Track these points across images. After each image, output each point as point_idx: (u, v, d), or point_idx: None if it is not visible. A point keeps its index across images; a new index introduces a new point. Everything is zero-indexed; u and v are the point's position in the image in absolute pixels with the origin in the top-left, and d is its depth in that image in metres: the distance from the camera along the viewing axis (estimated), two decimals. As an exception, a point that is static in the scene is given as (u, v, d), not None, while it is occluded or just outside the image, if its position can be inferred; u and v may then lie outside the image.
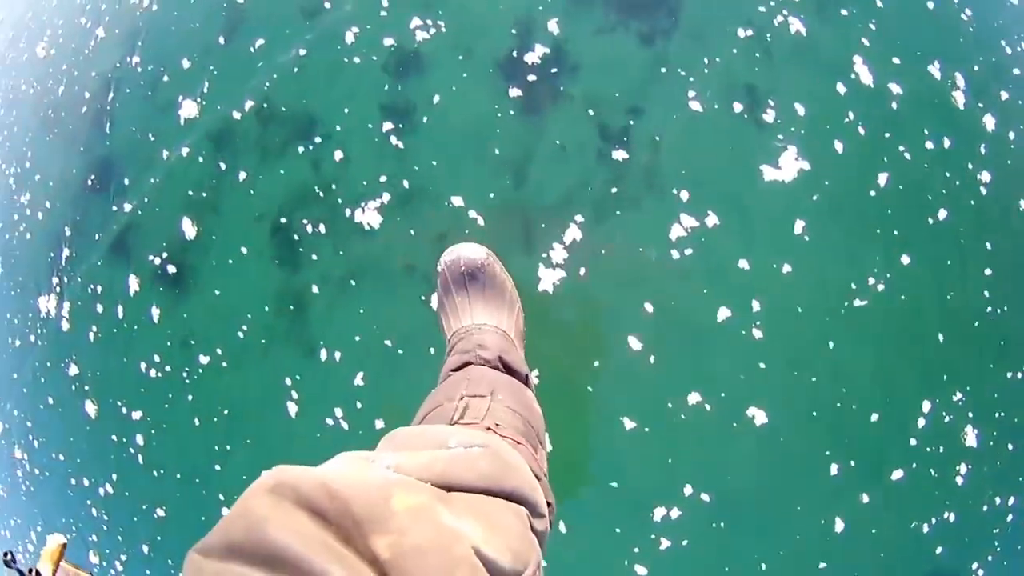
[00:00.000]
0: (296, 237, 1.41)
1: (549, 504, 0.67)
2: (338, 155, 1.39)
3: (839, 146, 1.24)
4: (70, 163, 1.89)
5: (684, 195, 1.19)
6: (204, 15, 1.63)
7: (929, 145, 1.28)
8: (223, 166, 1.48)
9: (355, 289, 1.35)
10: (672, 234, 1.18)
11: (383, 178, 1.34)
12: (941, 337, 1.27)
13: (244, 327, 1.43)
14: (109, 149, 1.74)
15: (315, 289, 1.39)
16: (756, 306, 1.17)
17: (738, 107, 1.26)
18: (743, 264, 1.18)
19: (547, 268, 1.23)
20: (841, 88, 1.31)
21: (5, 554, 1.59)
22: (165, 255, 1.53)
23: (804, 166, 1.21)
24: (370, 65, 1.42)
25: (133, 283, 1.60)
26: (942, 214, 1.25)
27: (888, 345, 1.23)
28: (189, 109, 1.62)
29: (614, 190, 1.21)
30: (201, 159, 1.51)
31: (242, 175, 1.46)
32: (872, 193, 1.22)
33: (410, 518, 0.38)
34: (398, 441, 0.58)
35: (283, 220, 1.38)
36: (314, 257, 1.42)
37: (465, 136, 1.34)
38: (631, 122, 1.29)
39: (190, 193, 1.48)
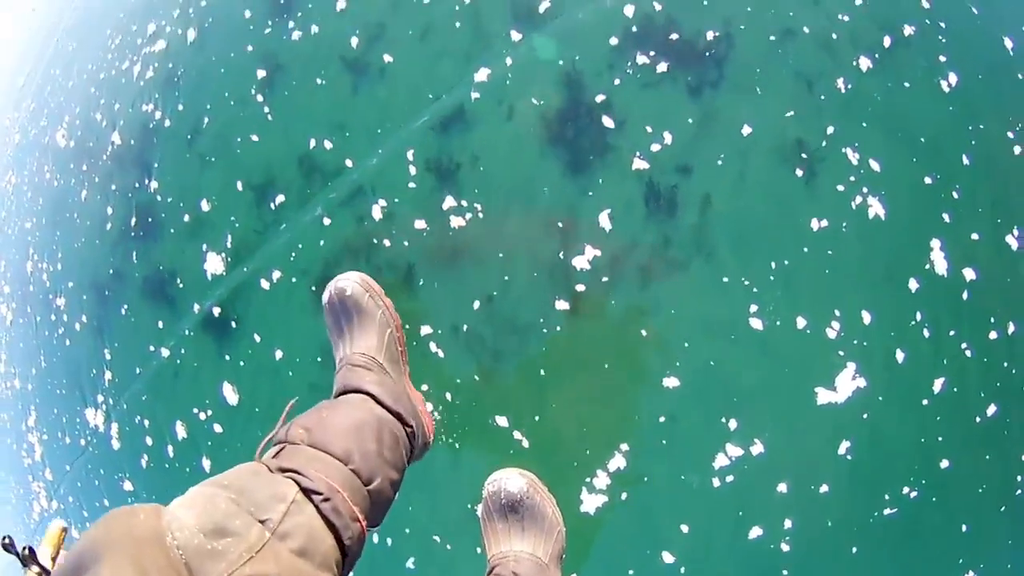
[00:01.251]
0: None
1: None
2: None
3: (900, 355, 1.23)
4: (101, 284, 1.89)
5: (732, 424, 1.22)
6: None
7: (993, 335, 1.25)
8: (258, 338, 1.52)
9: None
10: (716, 463, 1.21)
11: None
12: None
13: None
14: (138, 281, 1.77)
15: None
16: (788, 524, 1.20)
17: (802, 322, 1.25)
18: (781, 487, 1.21)
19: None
20: (913, 284, 1.26)
21: (4, 538, 1.68)
22: (209, 413, 1.57)
23: (860, 384, 1.21)
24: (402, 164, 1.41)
25: (180, 429, 1.63)
26: (991, 410, 1.23)
27: (916, 554, 1.24)
28: (214, 264, 1.57)
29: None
30: (234, 323, 1.55)
31: (278, 353, 1.46)
32: (924, 402, 1.21)
33: None
34: None
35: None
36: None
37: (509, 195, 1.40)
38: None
39: (226, 358, 1.55)
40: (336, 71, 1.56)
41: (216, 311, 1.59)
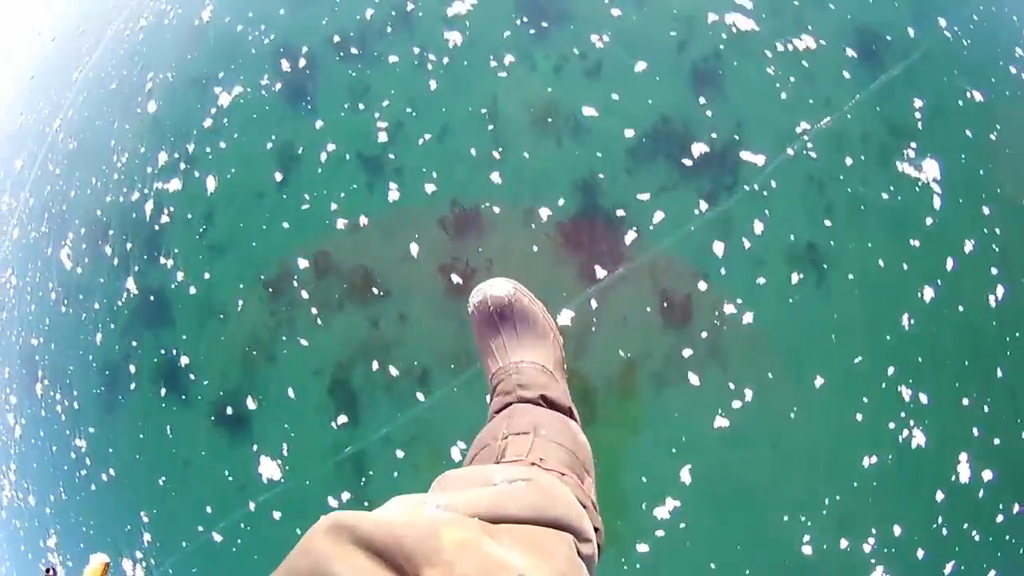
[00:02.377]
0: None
1: (597, 529, 0.71)
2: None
3: (920, 553, 1.35)
4: (129, 446, 1.84)
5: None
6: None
7: (1000, 519, 1.40)
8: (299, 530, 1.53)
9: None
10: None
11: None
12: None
13: None
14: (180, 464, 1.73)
15: None
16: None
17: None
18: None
19: None
20: (939, 495, 1.37)
21: (48, 570, 1.63)
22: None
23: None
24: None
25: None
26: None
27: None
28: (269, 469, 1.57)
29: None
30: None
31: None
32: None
33: (458, 551, 0.42)
34: (447, 482, 0.64)
35: None
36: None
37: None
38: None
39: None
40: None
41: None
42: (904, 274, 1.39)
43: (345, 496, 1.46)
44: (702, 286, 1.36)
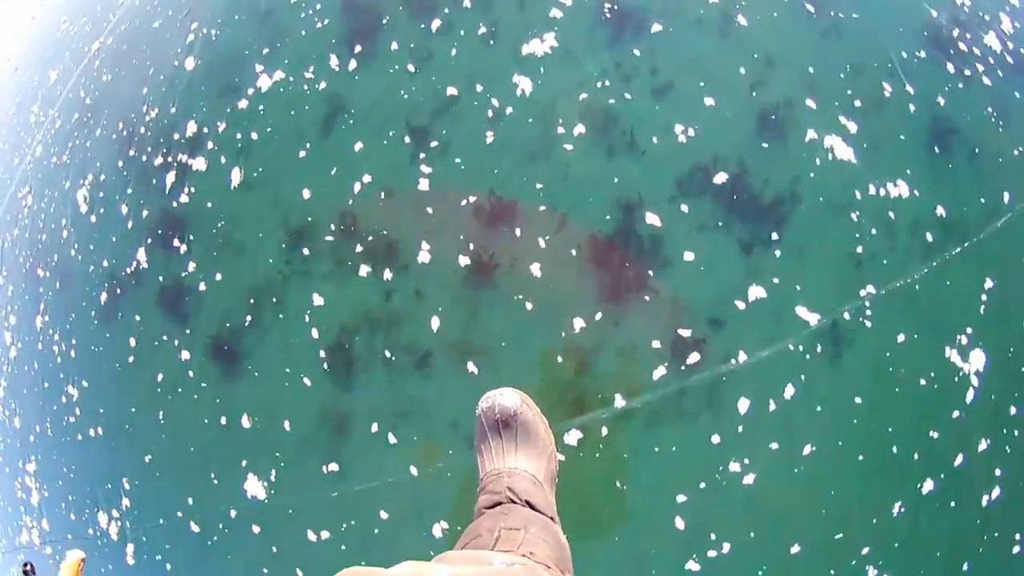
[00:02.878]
0: None
1: None
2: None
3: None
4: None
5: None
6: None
7: None
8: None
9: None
10: None
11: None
12: None
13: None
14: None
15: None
16: None
17: None
18: None
19: None
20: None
21: (25, 564, 1.67)
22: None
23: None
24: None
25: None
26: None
27: None
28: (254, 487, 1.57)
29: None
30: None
31: None
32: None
33: None
34: (448, 559, 0.71)
35: None
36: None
37: (539, 312, 1.42)
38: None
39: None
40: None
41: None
42: (913, 464, 1.38)
43: (325, 534, 1.46)
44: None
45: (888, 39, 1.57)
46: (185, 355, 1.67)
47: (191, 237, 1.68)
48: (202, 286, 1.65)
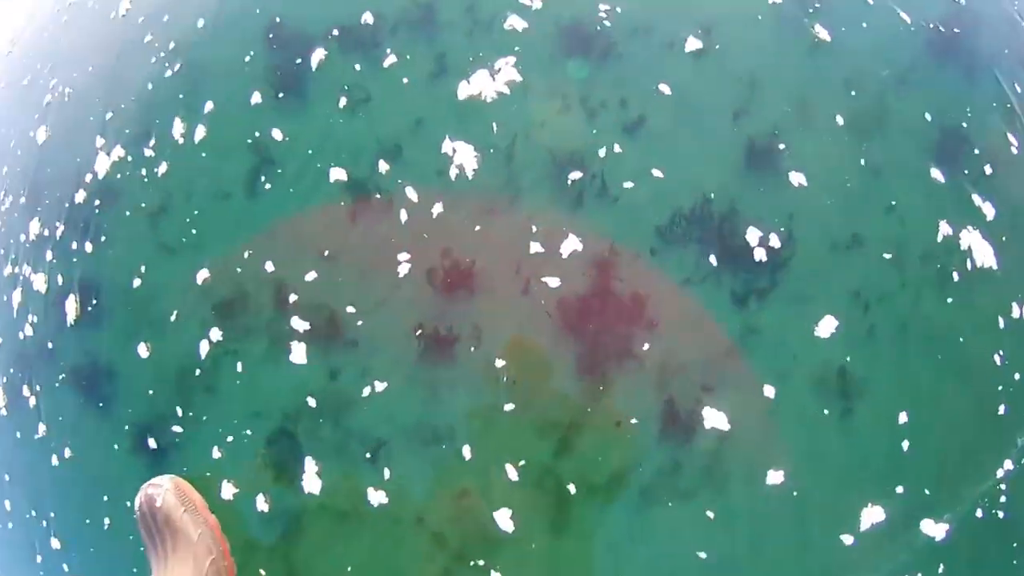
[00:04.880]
0: None
1: None
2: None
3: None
4: None
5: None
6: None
7: None
8: None
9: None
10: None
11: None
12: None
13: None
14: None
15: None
16: None
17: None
18: None
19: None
20: None
21: None
22: None
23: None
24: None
25: None
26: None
27: None
28: None
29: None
30: None
31: None
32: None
33: None
34: None
35: None
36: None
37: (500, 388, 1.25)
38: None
39: None
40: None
41: None
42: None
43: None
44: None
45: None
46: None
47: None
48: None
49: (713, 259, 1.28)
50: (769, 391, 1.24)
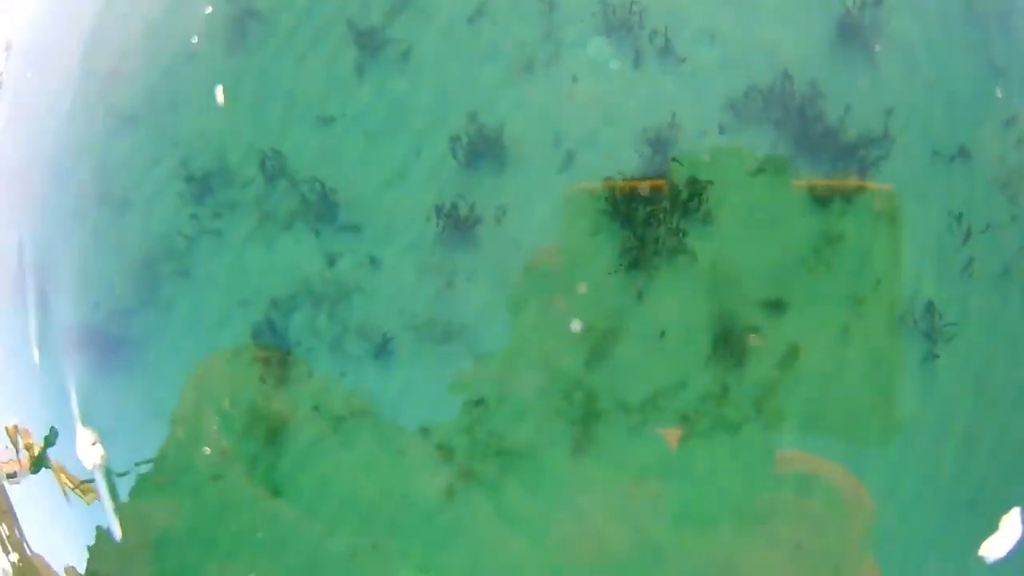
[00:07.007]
0: None
1: None
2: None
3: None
4: None
5: None
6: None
7: None
8: None
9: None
10: None
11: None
12: None
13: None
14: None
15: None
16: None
17: None
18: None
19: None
20: None
21: None
22: None
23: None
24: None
25: None
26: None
27: None
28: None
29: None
30: None
31: None
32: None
33: None
34: None
35: None
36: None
37: (530, 272, 1.06)
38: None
39: None
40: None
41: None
42: None
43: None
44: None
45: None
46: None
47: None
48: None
49: (793, 147, 1.06)
50: (842, 317, 1.05)
